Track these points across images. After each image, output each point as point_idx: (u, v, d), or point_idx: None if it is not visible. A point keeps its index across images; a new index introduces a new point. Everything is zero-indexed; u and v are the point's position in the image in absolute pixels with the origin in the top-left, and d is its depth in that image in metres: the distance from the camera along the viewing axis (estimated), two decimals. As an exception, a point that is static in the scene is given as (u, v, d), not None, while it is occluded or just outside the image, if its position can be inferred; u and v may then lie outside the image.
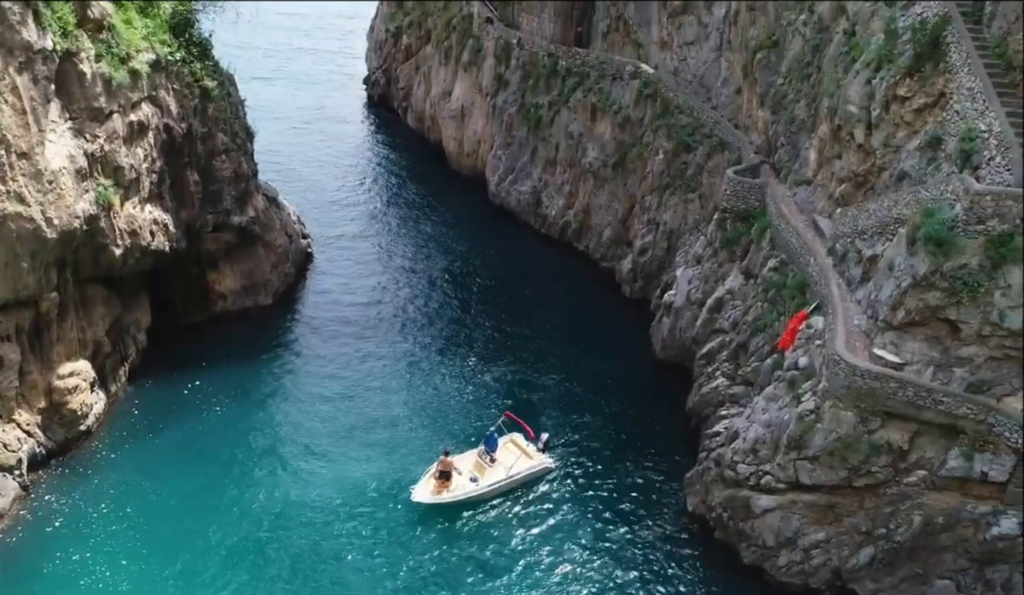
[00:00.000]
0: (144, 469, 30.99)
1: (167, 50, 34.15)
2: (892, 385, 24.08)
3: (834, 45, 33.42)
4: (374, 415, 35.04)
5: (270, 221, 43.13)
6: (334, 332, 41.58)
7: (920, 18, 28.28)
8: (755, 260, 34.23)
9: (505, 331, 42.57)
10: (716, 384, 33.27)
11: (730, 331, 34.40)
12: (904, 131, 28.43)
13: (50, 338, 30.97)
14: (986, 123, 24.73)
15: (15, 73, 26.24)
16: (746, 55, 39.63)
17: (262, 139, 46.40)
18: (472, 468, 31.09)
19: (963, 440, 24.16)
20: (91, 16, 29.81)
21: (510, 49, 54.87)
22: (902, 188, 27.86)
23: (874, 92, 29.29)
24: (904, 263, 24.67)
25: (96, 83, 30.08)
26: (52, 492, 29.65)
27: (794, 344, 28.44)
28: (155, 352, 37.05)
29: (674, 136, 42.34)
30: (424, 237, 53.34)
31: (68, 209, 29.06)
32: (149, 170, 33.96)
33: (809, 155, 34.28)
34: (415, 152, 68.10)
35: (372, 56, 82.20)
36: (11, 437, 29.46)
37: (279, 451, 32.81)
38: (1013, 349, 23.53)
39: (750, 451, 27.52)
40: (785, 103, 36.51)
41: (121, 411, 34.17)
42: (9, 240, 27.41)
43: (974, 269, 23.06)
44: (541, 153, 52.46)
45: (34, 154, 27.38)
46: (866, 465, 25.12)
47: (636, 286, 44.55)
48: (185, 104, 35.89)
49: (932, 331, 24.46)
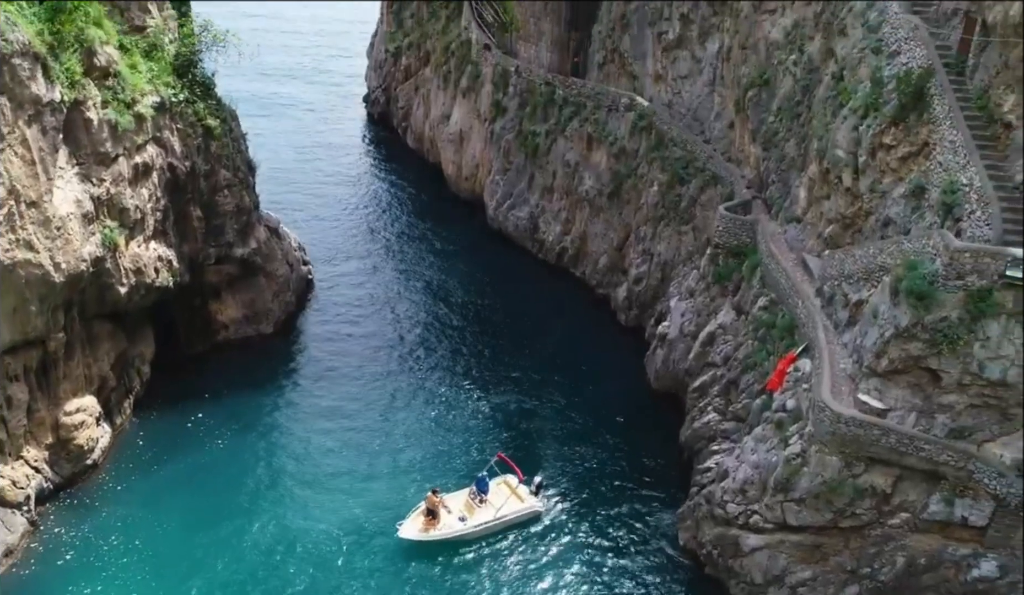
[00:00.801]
0: (150, 501, 31.87)
1: (171, 92, 34.93)
2: (875, 432, 24.84)
3: (823, 87, 34.19)
4: (373, 447, 35.81)
5: (271, 252, 43.90)
6: (334, 361, 42.37)
7: (905, 68, 29.03)
8: (746, 297, 34.99)
9: (503, 358, 43.33)
10: (708, 419, 34.01)
11: (722, 366, 35.13)
12: (890, 177, 29.20)
13: (57, 376, 31.78)
14: (967, 177, 25.51)
15: (24, 126, 27.02)
16: (738, 91, 40.41)
17: (264, 157, 47.04)
18: (462, 507, 31.65)
19: (944, 485, 24.91)
20: (98, 64, 30.59)
21: (508, 76, 55.65)
22: (888, 234, 28.68)
23: (861, 138, 30.07)
24: (888, 312, 25.41)
25: (102, 129, 30.90)
26: (61, 525, 30.53)
27: (782, 386, 29.19)
28: (159, 383, 37.91)
29: (668, 168, 43.12)
30: (423, 262, 54.10)
31: (75, 253, 29.85)
32: (153, 209, 34.76)
33: (799, 193, 35.03)
34: (414, 173, 68.87)
35: (372, 75, 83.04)
36: (20, 474, 30.27)
37: (280, 483, 33.65)
38: (992, 397, 24.26)
39: (739, 491, 28.27)
40: (776, 140, 37.28)
41: (126, 443, 35.03)
42: (18, 286, 28.18)
43: (954, 322, 23.80)
44: (538, 180, 53.25)
45: (43, 202, 28.16)
46: (851, 507, 25.87)
47: (631, 314, 45.30)
48: (188, 143, 36.69)
49: (915, 379, 25.19)
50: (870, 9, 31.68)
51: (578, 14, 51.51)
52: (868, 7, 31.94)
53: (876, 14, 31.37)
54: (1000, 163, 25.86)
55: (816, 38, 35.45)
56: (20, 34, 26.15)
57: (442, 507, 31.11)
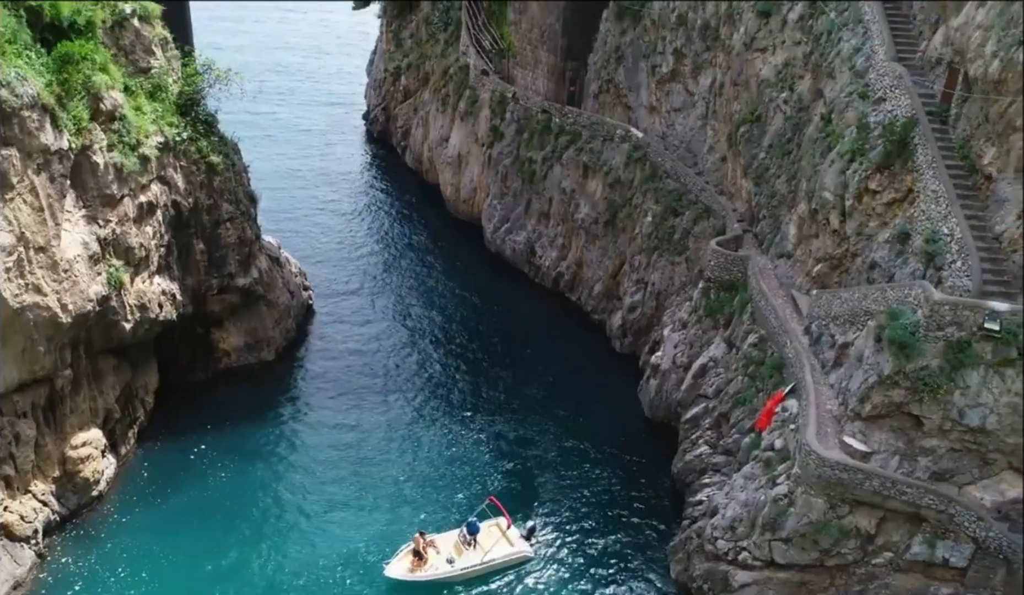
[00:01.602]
0: (154, 532, 32.62)
1: (175, 131, 35.67)
2: (859, 476, 25.65)
3: (813, 127, 35.00)
4: (373, 477, 36.45)
5: (272, 280, 44.68)
6: (333, 388, 43.07)
7: (890, 115, 29.84)
8: (737, 332, 35.79)
9: (501, 385, 44.07)
10: (699, 451, 34.80)
11: (713, 398, 35.92)
12: (876, 221, 30.03)
13: (64, 411, 32.52)
14: (948, 227, 26.33)
15: (33, 174, 27.80)
16: (731, 126, 41.22)
17: (263, 169, 47.21)
18: (451, 549, 31.79)
19: (926, 527, 25.71)
20: (104, 109, 31.36)
21: (505, 102, 56.47)
22: (874, 276, 29.52)
23: (848, 182, 30.89)
24: (871, 358, 26.22)
25: (108, 172, 31.67)
26: (68, 556, 31.34)
27: (770, 425, 29.97)
28: (162, 411, 38.69)
29: (662, 200, 43.93)
30: (423, 285, 54.88)
31: (82, 293, 30.63)
32: (158, 245, 35.53)
33: (790, 229, 35.83)
34: (413, 193, 69.67)
35: (371, 93, 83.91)
36: (28, 508, 31.01)
37: (282, 513, 34.35)
38: (972, 443, 25.08)
39: (729, 528, 29.04)
40: (767, 176, 38.09)
41: (131, 473, 35.77)
42: (27, 328, 28.94)
43: (935, 371, 24.62)
44: (535, 205, 54.06)
45: (51, 247, 28.94)
46: (836, 547, 26.66)
47: (626, 341, 46.08)
48: (192, 179, 37.45)
49: (898, 423, 26.02)
50: (857, 54, 32.48)
51: (574, 44, 52.33)
52: (855, 52, 32.74)
53: (863, 59, 32.18)
54: (981, 213, 26.68)
55: (806, 77, 36.26)
56: (29, 87, 26.94)
57: (431, 548, 31.23)
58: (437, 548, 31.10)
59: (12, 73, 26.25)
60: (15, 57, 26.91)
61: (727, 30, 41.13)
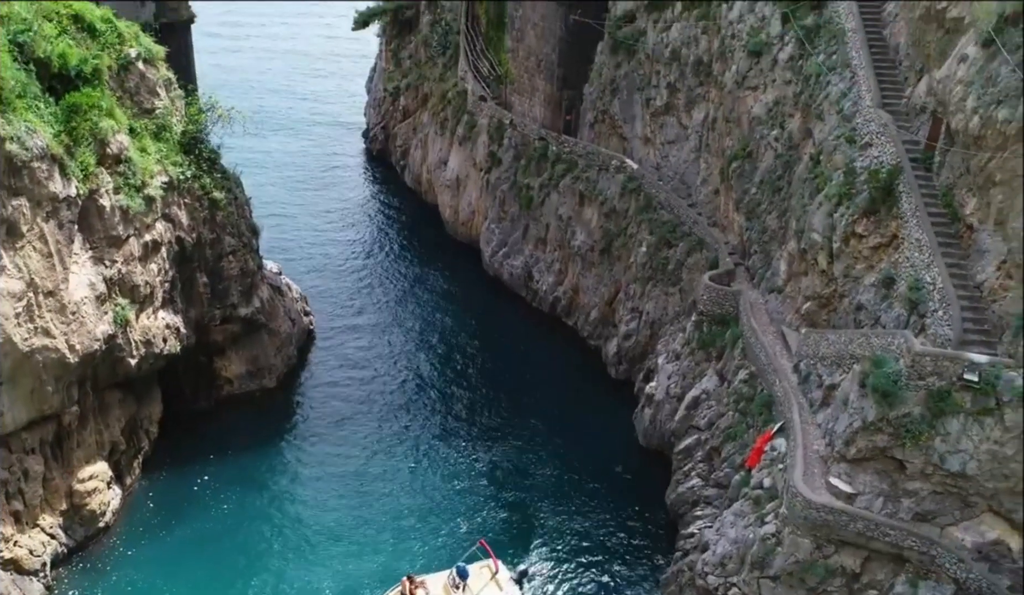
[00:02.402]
0: (158, 564, 33.50)
1: (179, 170, 36.50)
2: (844, 518, 26.43)
3: (802, 166, 35.79)
4: (370, 511, 37.22)
5: (274, 309, 45.50)
6: (333, 416, 43.93)
7: (876, 161, 30.65)
8: (729, 366, 36.60)
9: (498, 412, 44.93)
10: (692, 483, 35.60)
11: (705, 430, 36.72)
12: (862, 264, 30.83)
13: (70, 445, 33.35)
14: (931, 275, 27.12)
15: (42, 222, 28.64)
16: (723, 161, 42.04)
17: (267, 196, 47.78)
18: (441, 592, 31.24)
19: (909, 568, 26.45)
20: (110, 153, 32.19)
21: (503, 129, 57.30)
22: (860, 318, 30.32)
23: (835, 225, 31.68)
24: (856, 402, 27.02)
25: (115, 214, 32.51)
26: (75, 588, 32.25)
27: (760, 463, 30.78)
28: (166, 440, 39.49)
29: (656, 230, 44.73)
30: (422, 309, 55.70)
31: (89, 334, 31.46)
32: (162, 281, 36.34)
33: (780, 265, 36.64)
34: (412, 214, 70.47)
35: (371, 111, 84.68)
36: (36, 542, 31.84)
37: (282, 546, 35.19)
38: (953, 486, 25.85)
39: (719, 564, 29.86)
40: (759, 211, 38.90)
41: (136, 504, 36.62)
42: (36, 370, 29.78)
43: (916, 418, 25.41)
44: (532, 231, 54.87)
45: (59, 291, 29.79)
46: (823, 586, 27.39)
47: (621, 368, 46.88)
48: (195, 215, 38.29)
49: (882, 466, 26.80)
50: (844, 98, 33.30)
51: (570, 73, 53.14)
52: (843, 95, 33.56)
53: (850, 104, 32.98)
54: (962, 261, 27.48)
55: (796, 116, 37.07)
56: (39, 140, 27.77)
57: (420, 589, 30.86)
58: (427, 590, 30.62)
59: (23, 127, 27.06)
60: (25, 111, 27.72)
61: (719, 67, 41.97)
